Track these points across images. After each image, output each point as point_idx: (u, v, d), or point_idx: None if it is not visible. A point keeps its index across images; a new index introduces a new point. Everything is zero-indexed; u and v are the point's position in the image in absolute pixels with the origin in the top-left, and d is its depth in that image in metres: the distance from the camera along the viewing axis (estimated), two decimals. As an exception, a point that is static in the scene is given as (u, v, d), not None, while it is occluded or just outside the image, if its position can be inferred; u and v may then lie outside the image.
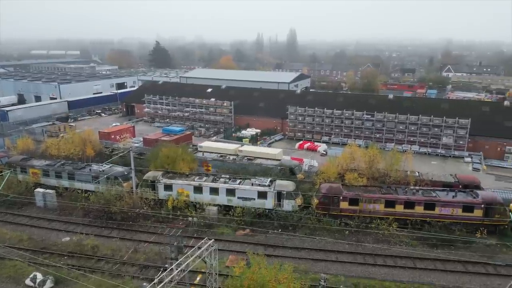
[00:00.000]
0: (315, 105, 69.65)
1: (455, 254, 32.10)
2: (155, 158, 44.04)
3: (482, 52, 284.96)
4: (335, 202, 37.08)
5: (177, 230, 23.73)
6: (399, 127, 62.53)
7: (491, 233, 34.84)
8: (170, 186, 40.31)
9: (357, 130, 65.55)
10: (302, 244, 34.35)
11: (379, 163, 42.72)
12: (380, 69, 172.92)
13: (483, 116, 61.39)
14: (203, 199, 39.56)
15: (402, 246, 33.81)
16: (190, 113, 79.67)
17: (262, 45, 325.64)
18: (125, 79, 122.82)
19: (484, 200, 35.19)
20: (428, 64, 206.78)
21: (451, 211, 35.38)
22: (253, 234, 36.24)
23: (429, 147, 60.52)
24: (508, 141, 57.35)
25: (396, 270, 30.71)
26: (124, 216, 38.08)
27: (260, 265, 22.68)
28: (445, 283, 28.85)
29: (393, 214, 36.10)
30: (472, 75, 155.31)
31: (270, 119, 73.45)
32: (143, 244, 34.84)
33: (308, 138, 67.88)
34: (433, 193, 36.96)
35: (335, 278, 29.34)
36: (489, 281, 28.95)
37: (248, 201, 38.40)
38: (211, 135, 71.33)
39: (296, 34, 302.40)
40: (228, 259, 31.77)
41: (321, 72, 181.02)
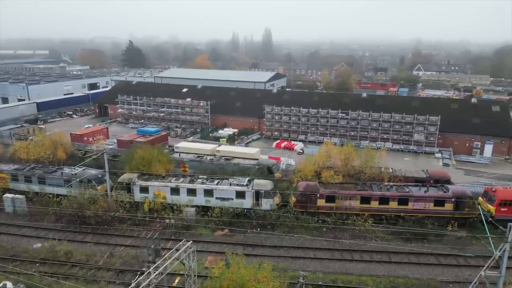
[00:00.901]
0: (291, 104, 70.26)
1: (428, 247, 33.20)
2: (130, 160, 43.18)
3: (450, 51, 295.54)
4: (312, 199, 37.53)
5: (154, 233, 23.38)
6: (372, 125, 64.01)
7: (461, 226, 36.21)
8: (146, 188, 39.64)
9: (332, 128, 66.61)
10: (280, 243, 34.58)
11: (354, 161, 43.58)
12: (354, 68, 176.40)
13: (452, 113, 63.73)
14: (180, 201, 39.13)
15: (377, 241, 34.62)
16: (166, 113, 78.59)
17: (237, 44, 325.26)
18: (97, 80, 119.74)
19: (454, 194, 36.55)
20: (399, 63, 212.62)
21: (424, 206, 36.55)
22: (232, 234, 36.18)
23: (402, 144, 62.29)
24: (476, 137, 59.81)
25: (373, 264, 31.42)
26: (99, 220, 37.13)
27: (239, 265, 22.66)
28: (419, 276, 29.77)
29: (368, 210, 36.92)
30: (441, 73, 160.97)
31: (247, 118, 73.50)
32: (119, 248, 34.08)
33: (285, 137, 68.39)
34: (406, 188, 38.05)
35: (314, 275, 29.72)
36: (460, 272, 30.10)
37: (226, 201, 38.28)
38: (188, 136, 70.65)
39: (271, 34, 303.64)
40: (207, 260, 31.58)
41: (296, 71, 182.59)
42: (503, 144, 58.43)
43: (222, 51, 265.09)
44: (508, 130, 59.09)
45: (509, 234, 20.11)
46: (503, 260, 20.60)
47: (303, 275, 21.68)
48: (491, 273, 21.18)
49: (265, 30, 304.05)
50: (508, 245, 20.28)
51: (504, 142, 58.41)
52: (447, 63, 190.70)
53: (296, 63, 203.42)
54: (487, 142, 58.82)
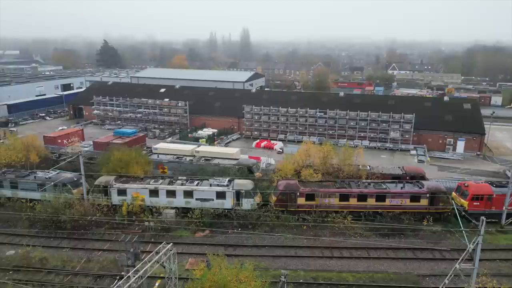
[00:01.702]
0: (270, 104, 70.52)
1: (405, 242, 34.04)
2: (106, 162, 42.27)
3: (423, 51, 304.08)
4: (292, 198, 37.80)
5: (133, 236, 22.93)
6: (350, 123, 65.08)
7: (436, 220, 37.33)
8: (124, 190, 38.88)
9: (311, 127, 67.29)
10: (262, 242, 34.66)
11: (333, 159, 44.19)
12: (331, 67, 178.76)
13: (425, 111, 65.58)
14: (159, 203, 38.59)
15: (357, 237, 35.23)
16: (143, 114, 77.34)
17: (215, 44, 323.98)
18: (71, 80, 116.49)
19: (429, 189, 37.63)
20: (375, 63, 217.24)
21: (400, 202, 37.45)
22: (213, 235, 35.99)
23: (378, 141, 63.63)
24: (448, 134, 61.81)
25: (352, 261, 31.94)
26: (75, 224, 36.15)
27: (220, 265, 22.56)
28: (397, 270, 30.48)
29: (347, 207, 37.52)
30: (415, 72, 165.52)
31: (227, 118, 73.27)
32: (97, 252, 33.29)
33: (264, 136, 68.60)
34: (384, 185, 38.89)
35: (295, 273, 29.95)
36: (436, 266, 31.01)
37: (206, 202, 38.02)
38: (166, 137, 69.78)
39: (249, 33, 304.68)
40: (187, 262, 31.29)
41: (275, 71, 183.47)
42: (475, 140, 60.61)
43: (200, 50, 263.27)
44: (479, 127, 61.33)
45: (482, 227, 20.87)
46: (476, 252, 21.37)
47: (285, 274, 21.80)
48: (465, 265, 21.94)
49: (243, 29, 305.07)
50: (481, 238, 21.04)
51: (475, 139, 60.60)
52: (421, 62, 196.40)
53: (274, 62, 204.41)
54: (460, 138, 60.87)
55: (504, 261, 31.44)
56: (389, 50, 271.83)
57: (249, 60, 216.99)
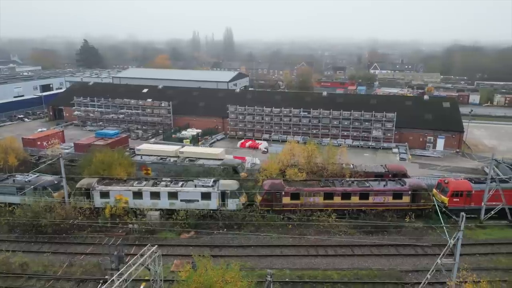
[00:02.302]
0: (254, 103, 70.61)
1: (388, 239, 34.70)
2: (88, 164, 41.49)
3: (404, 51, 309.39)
4: (277, 197, 37.97)
5: (117, 239, 22.63)
6: (333, 122, 65.81)
7: (418, 217, 38.10)
8: (107, 193, 38.26)
9: (295, 127, 67.72)
10: (247, 242, 34.69)
11: (317, 158, 44.56)
12: (314, 67, 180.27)
13: (406, 110, 66.86)
14: (143, 205, 38.13)
15: (341, 235, 35.62)
16: (126, 115, 76.25)
17: (198, 43, 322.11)
18: (50, 81, 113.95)
19: (411, 187, 38.40)
20: (357, 62, 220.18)
21: (383, 199, 38.09)
22: (198, 236, 35.81)
23: (361, 140, 64.54)
24: (429, 132, 63.20)
25: (337, 258, 32.31)
26: (56, 228, 35.37)
27: (206, 266, 22.46)
28: (381, 267, 31.00)
29: (331, 205, 37.92)
30: (396, 72, 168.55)
31: (211, 118, 72.97)
32: (79, 256, 32.66)
33: (249, 136, 68.64)
34: (367, 183, 39.49)
35: (281, 272, 30.10)
36: (418, 262, 31.67)
37: (191, 203, 37.78)
38: (149, 137, 68.99)
39: (232, 33, 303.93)
40: (173, 264, 31.03)
41: (258, 71, 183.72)
42: (454, 138, 62.17)
43: (183, 50, 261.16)
44: (458, 125, 62.93)
45: (462, 223, 21.44)
46: (457, 247, 21.93)
47: (270, 273, 21.87)
48: (446, 260, 22.49)
49: (226, 29, 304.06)
50: (461, 233, 21.61)
51: (455, 136, 62.16)
52: (401, 62, 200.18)
53: (258, 62, 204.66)
54: (439, 136, 62.33)
55: (484, 255, 32.37)
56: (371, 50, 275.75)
57: (233, 60, 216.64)
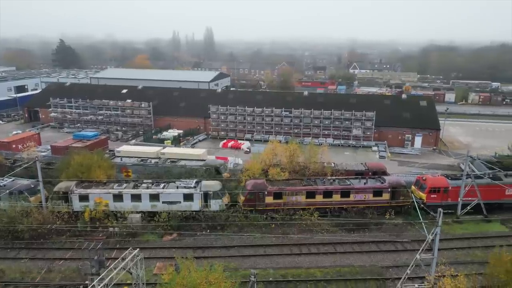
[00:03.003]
0: (236, 103, 70.53)
1: (369, 236, 35.32)
2: (66, 167, 40.48)
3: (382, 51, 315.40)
4: (260, 197, 38.05)
5: (97, 243, 22.16)
6: (314, 122, 66.48)
7: (397, 213, 38.96)
8: (86, 196, 37.44)
9: (277, 126, 68.03)
10: (231, 242, 34.62)
11: (299, 157, 44.91)
12: (295, 67, 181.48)
13: (385, 109, 68.20)
14: (124, 207, 37.49)
15: (323, 233, 36.05)
16: (105, 116, 74.81)
17: (179, 43, 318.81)
18: (25, 82, 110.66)
19: (391, 184, 39.20)
20: (336, 62, 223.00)
21: (364, 197, 38.75)
22: (181, 238, 35.51)
23: (342, 139, 65.46)
24: (407, 130, 64.68)
25: (320, 256, 32.65)
26: (34, 234, 34.36)
27: (189, 268, 22.31)
28: (362, 263, 31.53)
29: (314, 204, 38.30)
30: (374, 71, 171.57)
31: (192, 119, 72.45)
32: (58, 262, 31.83)
33: (231, 136, 68.50)
34: (348, 181, 40.06)
35: (264, 272, 30.18)
36: (398, 257, 32.36)
37: (173, 205, 37.40)
38: (130, 139, 67.90)
39: (213, 33, 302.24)
40: (155, 267, 30.66)
41: (240, 71, 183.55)
42: (431, 135, 63.83)
43: (162, 50, 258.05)
44: (435, 123, 64.63)
45: (439, 218, 22.04)
46: (435, 242, 22.54)
47: (254, 273, 21.92)
48: (425, 255, 23.08)
49: (207, 29, 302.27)
50: (439, 229, 22.22)
51: (432, 134, 63.83)
52: (380, 62, 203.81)
53: (239, 62, 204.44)
54: (417, 134, 63.87)
55: (461, 249, 33.39)
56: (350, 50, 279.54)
57: (214, 59, 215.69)
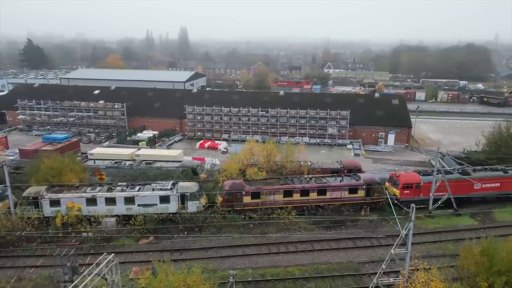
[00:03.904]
0: (212, 103, 70.10)
1: (345, 233, 35.94)
2: (36, 171, 39.00)
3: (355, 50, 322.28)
4: (238, 197, 37.97)
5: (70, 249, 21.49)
6: (291, 121, 66.99)
7: (372, 210, 39.85)
8: (58, 201, 36.20)
9: (254, 126, 68.10)
10: (209, 244, 34.37)
11: (276, 156, 45.11)
12: (270, 67, 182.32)
13: (359, 107, 69.60)
14: (98, 211, 36.50)
15: (301, 231, 36.38)
16: (76, 118, 72.61)
17: (152, 43, 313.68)
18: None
19: (366, 181, 40.03)
20: (311, 62, 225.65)
21: (340, 194, 39.37)
22: (158, 241, 34.93)
23: (318, 137, 66.30)
24: (380, 128, 66.25)
25: (298, 255, 32.92)
26: (2, 241, 33.01)
27: (167, 272, 21.96)
28: (339, 260, 32.03)
29: (291, 202, 38.58)
30: (348, 71, 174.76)
31: (168, 119, 71.43)
32: (29, 270, 30.61)
33: (208, 137, 68.02)
34: (324, 179, 40.61)
35: (243, 272, 30.14)
36: (374, 253, 33.10)
37: (149, 207, 36.74)
38: (103, 141, 66.19)
39: (187, 32, 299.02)
40: (132, 271, 30.00)
41: (216, 70, 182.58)
42: (403, 133, 65.66)
43: (136, 49, 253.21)
44: (407, 121, 66.54)
45: (412, 213, 22.67)
46: (409, 237, 23.17)
47: (232, 274, 21.84)
48: (399, 250, 23.69)
49: (181, 28, 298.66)
50: (412, 224, 22.85)
51: (404, 132, 65.67)
52: (353, 61, 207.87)
53: (214, 62, 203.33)
54: (390, 132, 65.54)
55: (433, 243, 34.50)
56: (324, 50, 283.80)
57: (189, 59, 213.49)
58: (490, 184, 41.55)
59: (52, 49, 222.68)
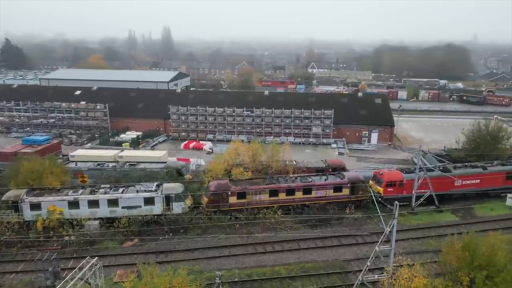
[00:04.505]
0: (197, 103, 69.68)
1: (331, 231, 36.26)
2: (15, 174, 38.06)
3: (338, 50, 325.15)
4: (224, 198, 37.84)
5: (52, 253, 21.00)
6: (276, 121, 67.20)
7: (357, 208, 40.33)
8: (38, 204, 35.34)
9: (239, 126, 68.00)
10: (195, 245, 34.15)
11: (261, 156, 45.19)
12: (255, 67, 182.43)
13: (343, 107, 70.33)
14: (80, 214, 35.83)
15: (287, 231, 36.51)
16: (57, 119, 71.07)
17: (135, 42, 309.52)
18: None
19: (350, 179, 40.47)
20: (295, 62, 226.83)
21: (325, 193, 39.70)
22: (142, 243, 34.49)
23: (302, 137, 66.71)
24: (363, 126, 67.11)
25: (284, 254, 33.03)
26: (-20, 247, 31.95)
27: (152, 274, 21.71)
28: (325, 258, 32.29)
29: (277, 202, 38.69)
30: (332, 70, 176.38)
31: (152, 120, 70.63)
32: (9, 275, 29.82)
33: (193, 137, 67.55)
34: (309, 178, 40.86)
35: (230, 273, 30.05)
36: (359, 250, 33.50)
37: (134, 210, 36.24)
38: (85, 142, 64.98)
39: (170, 32, 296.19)
40: (116, 275, 29.53)
41: (200, 70, 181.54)
42: (386, 131, 66.69)
43: (118, 49, 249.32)
44: (389, 120, 67.57)
45: (396, 211, 23.03)
46: (392, 234, 23.53)
47: (219, 275, 21.74)
48: (384, 247, 24.03)
49: (164, 28, 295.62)
50: (395, 221, 23.21)
51: (387, 130, 66.70)
52: (336, 61, 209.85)
53: (198, 62, 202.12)
54: (373, 131, 66.47)
55: (416, 239, 35.15)
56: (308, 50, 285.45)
57: (173, 59, 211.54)
58: (470, 180, 42.59)
59: (31, 49, 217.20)
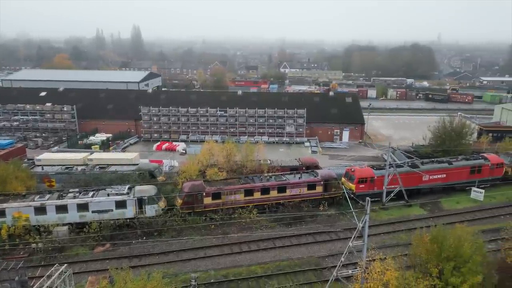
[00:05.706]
0: (169, 104, 68.67)
1: (305, 228, 36.69)
2: (-24, 180, 36.03)
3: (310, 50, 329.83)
4: (198, 199, 37.47)
5: (18, 262, 20.06)
6: (249, 120, 67.29)
7: (330, 205, 40.97)
8: (2, 211, 33.71)
9: (212, 126, 67.59)
10: (169, 248, 33.62)
11: (236, 156, 45.09)
12: (227, 66, 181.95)
13: (315, 106, 71.40)
14: (48, 220, 34.42)
15: (262, 229, 36.63)
16: (21, 122, 68.04)
17: (103, 42, 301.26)
18: None
19: (323, 177, 41.10)
20: (268, 62, 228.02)
21: (299, 191, 40.12)
22: (115, 248, 33.60)
23: (276, 136, 67.19)
24: (335, 125, 68.42)
25: (260, 253, 33.12)
26: None
27: (125, 279, 21.17)
28: (300, 255, 32.65)
29: (252, 201, 38.72)
30: (304, 70, 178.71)
31: (122, 121, 68.97)
32: (-29, 288, 28.21)
33: (165, 138, 66.51)
34: (284, 177, 41.17)
35: (205, 274, 29.81)
36: (333, 246, 34.09)
37: (105, 214, 35.22)
38: (51, 146, 62.52)
39: (140, 31, 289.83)
40: (87, 282, 28.55)
41: (171, 70, 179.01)
42: (357, 129, 68.27)
43: (85, 49, 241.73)
44: (360, 118, 69.23)
45: (368, 207, 23.60)
46: (365, 230, 24.09)
47: (194, 277, 21.51)
48: (357, 242, 24.56)
49: (133, 27, 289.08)
50: (367, 216, 23.77)
51: (357, 128, 68.29)
52: (308, 61, 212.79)
53: (170, 61, 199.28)
54: (344, 129, 67.90)
55: (387, 234, 36.17)
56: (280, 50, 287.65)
57: (143, 59, 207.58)
58: (437, 175, 44.29)
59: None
